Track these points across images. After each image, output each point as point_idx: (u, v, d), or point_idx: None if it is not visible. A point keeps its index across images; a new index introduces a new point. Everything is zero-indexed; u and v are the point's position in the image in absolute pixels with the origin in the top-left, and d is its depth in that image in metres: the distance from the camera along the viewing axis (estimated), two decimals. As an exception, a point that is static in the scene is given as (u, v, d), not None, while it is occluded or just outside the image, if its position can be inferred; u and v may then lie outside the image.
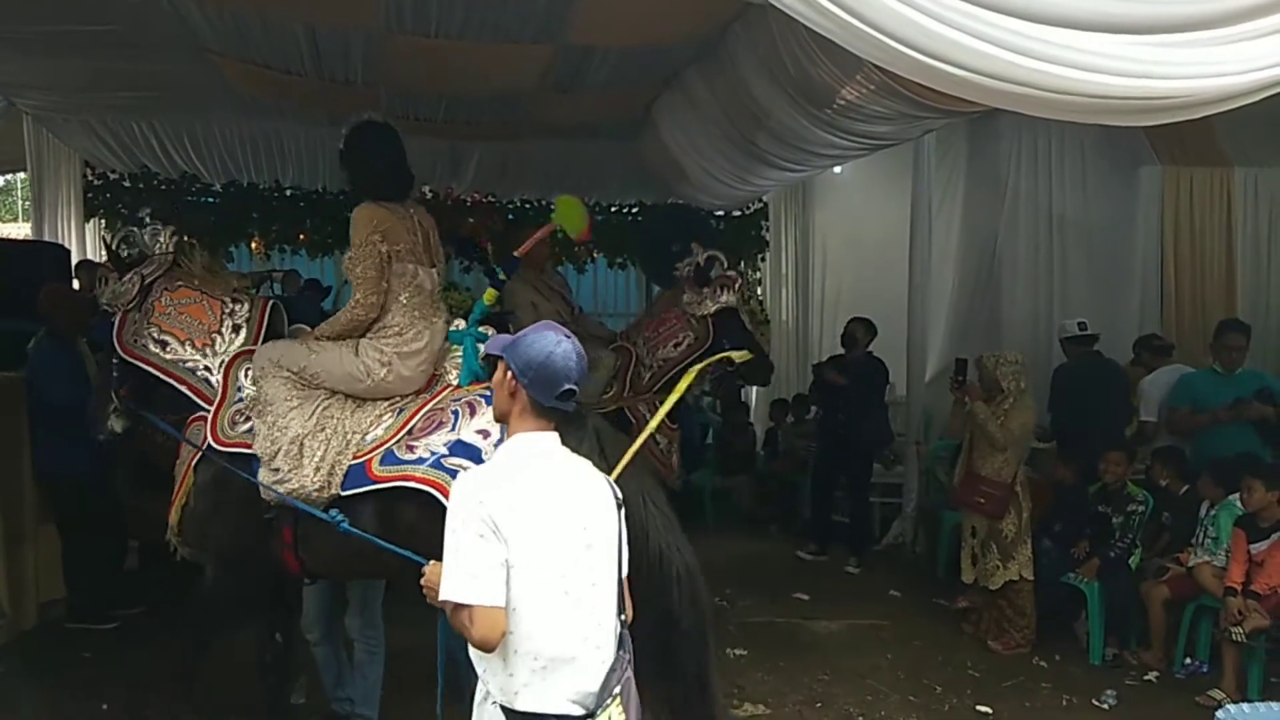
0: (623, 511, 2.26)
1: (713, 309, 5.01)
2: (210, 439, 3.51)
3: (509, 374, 2.19)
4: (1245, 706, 3.55)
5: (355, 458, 3.35)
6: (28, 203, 11.33)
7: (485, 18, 5.26)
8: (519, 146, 8.60)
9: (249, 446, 3.44)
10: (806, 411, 8.48)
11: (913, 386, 7.49)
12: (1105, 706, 4.68)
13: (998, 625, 5.46)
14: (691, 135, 7.14)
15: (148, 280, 3.73)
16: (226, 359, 3.63)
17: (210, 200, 8.79)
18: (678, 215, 8.41)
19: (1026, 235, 7.64)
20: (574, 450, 2.68)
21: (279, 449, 3.35)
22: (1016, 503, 5.40)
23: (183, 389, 3.65)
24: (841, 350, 7.37)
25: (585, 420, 3.10)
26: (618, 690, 2.16)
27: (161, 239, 3.85)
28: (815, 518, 7.53)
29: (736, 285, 5.12)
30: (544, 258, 5.69)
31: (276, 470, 3.34)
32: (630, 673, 2.22)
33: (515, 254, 3.97)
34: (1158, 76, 2.60)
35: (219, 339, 3.67)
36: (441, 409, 3.31)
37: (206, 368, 3.65)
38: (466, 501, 2.06)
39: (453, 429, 3.22)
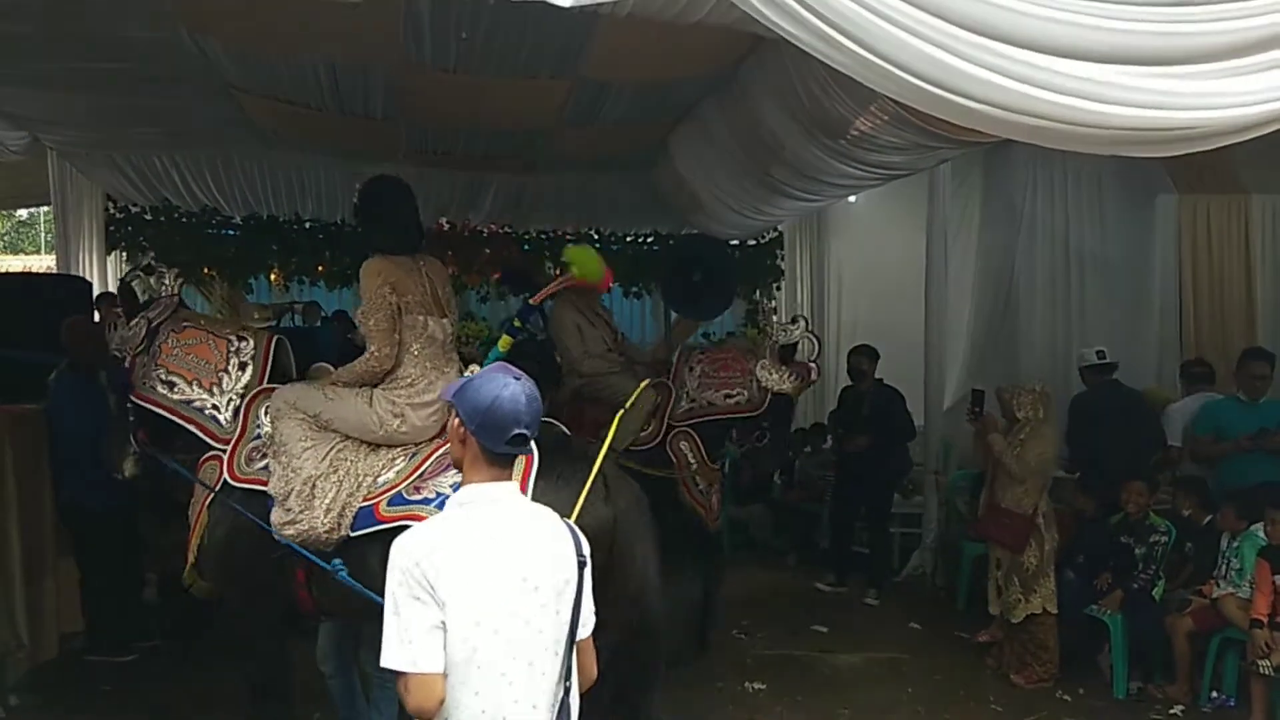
0: (586, 570, 2.16)
1: (775, 388, 5.05)
2: (227, 475, 3.57)
3: (457, 420, 2.14)
4: (1274, 742, 3.51)
5: (365, 500, 3.39)
6: (51, 236, 11.49)
7: (504, 53, 5.32)
8: (535, 179, 8.67)
9: (264, 484, 3.50)
10: (824, 441, 8.44)
11: (930, 416, 7.45)
12: (1130, 741, 4.61)
13: (1019, 659, 5.39)
14: (707, 166, 7.18)
15: (154, 324, 3.82)
16: (235, 396, 3.70)
17: (230, 233, 8.88)
18: (699, 245, 8.46)
19: (1043, 264, 7.62)
20: (563, 493, 2.77)
21: (292, 489, 3.40)
22: (1038, 534, 5.33)
23: (191, 428, 3.72)
24: (850, 382, 7.35)
25: (587, 455, 3.18)
26: None
27: (167, 281, 3.98)
28: (834, 548, 7.48)
29: (811, 376, 5.20)
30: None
31: (289, 510, 3.38)
32: None
33: (530, 302, 4.02)
34: (1171, 108, 2.61)
35: (225, 377, 3.74)
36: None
37: (215, 406, 3.72)
38: (403, 561, 2.00)
39: (447, 473, 3.24)
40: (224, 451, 3.64)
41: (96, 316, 6.64)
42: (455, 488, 3.14)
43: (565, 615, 2.11)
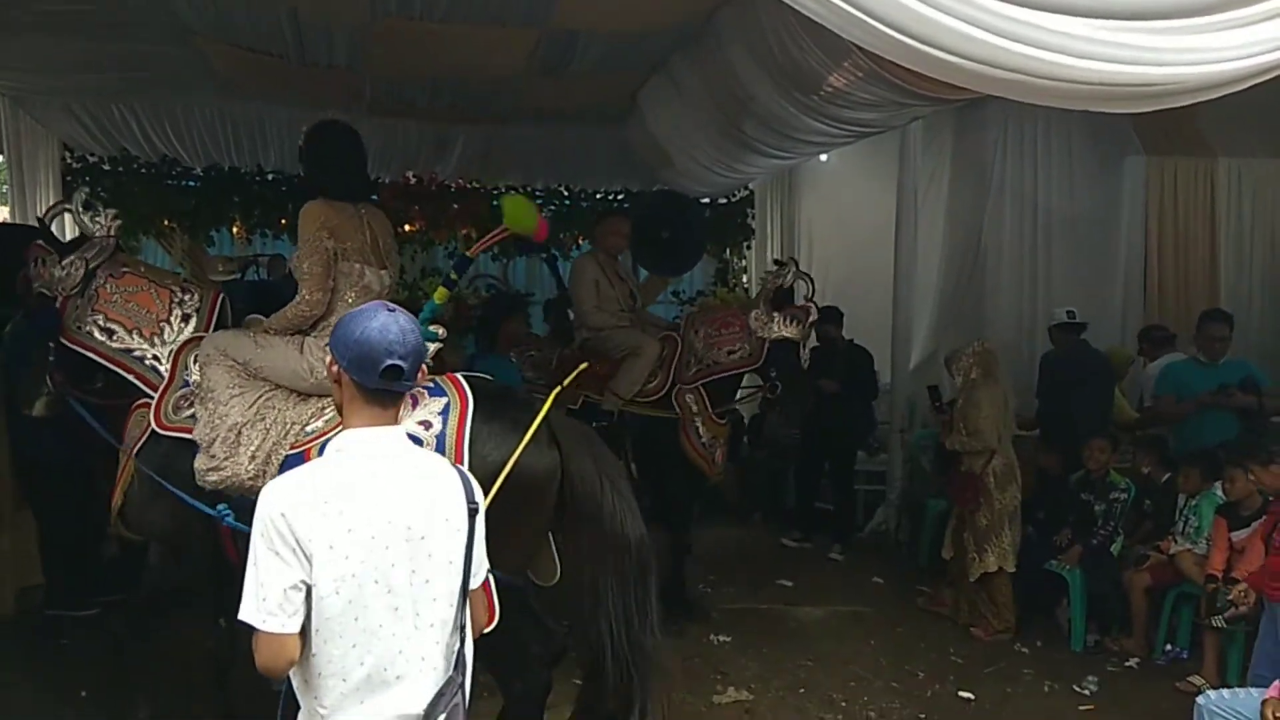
0: (478, 517, 2.08)
1: (772, 336, 5.03)
2: (154, 423, 3.53)
3: (330, 359, 2.04)
4: (1225, 692, 3.59)
5: (293, 448, 3.33)
6: (6, 186, 11.19)
7: (471, 1, 5.20)
8: (504, 132, 8.54)
9: (190, 431, 3.45)
10: (774, 407, 8.45)
11: (897, 375, 7.50)
12: (1086, 693, 4.72)
13: (976, 613, 5.48)
14: (678, 122, 7.10)
15: (91, 266, 3.70)
16: (175, 347, 3.64)
17: (191, 184, 8.69)
18: (669, 202, 8.40)
19: (1012, 224, 7.65)
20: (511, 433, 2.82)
21: (217, 436, 3.36)
22: (988, 493, 5.39)
23: (129, 377, 3.66)
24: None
25: (531, 405, 3.19)
26: (443, 716, 1.99)
27: (102, 221, 3.80)
28: (799, 505, 7.55)
29: (809, 320, 5.14)
30: (617, 245, 5.85)
31: (213, 457, 3.34)
32: (461, 698, 2.05)
33: (467, 254, 3.95)
34: (1148, 63, 2.59)
35: (167, 328, 3.68)
36: None
37: (155, 356, 3.66)
38: (266, 512, 1.89)
39: None
40: (150, 402, 3.58)
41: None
42: None
43: (458, 564, 2.03)
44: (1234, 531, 4.75)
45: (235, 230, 8.80)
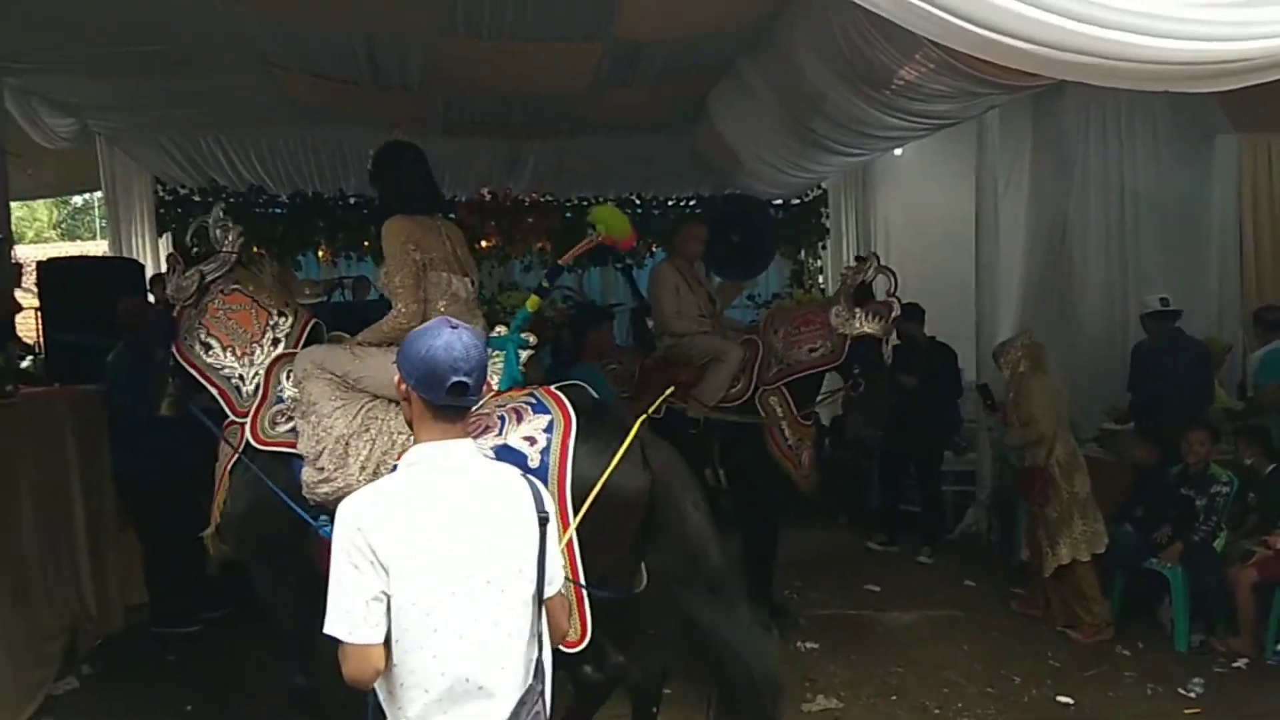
0: (549, 525, 2.11)
1: (854, 332, 4.95)
2: (250, 437, 3.60)
3: (398, 378, 2.08)
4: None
5: (399, 458, 3.38)
6: (104, 221, 11.72)
7: (536, 18, 5.28)
8: (574, 144, 8.63)
9: (292, 446, 3.52)
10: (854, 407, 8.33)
11: (983, 371, 7.31)
12: (1192, 695, 4.52)
13: (1066, 611, 5.36)
14: (747, 124, 7.07)
15: (207, 279, 3.84)
16: (261, 370, 3.72)
17: (277, 211, 9.00)
18: (737, 205, 8.38)
19: (1097, 211, 7.41)
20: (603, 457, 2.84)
21: (324, 448, 3.40)
22: (1055, 485, 5.32)
23: (214, 392, 3.76)
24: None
25: (624, 423, 3.19)
26: None
27: (230, 237, 3.95)
28: (884, 507, 7.42)
29: (891, 315, 5.01)
30: (695, 252, 5.84)
31: (322, 469, 3.39)
32: (543, 706, 2.08)
33: (559, 262, 4.00)
34: (1227, 39, 2.49)
35: (258, 349, 3.76)
36: (487, 414, 3.29)
37: (240, 376, 3.73)
38: (345, 527, 1.94)
39: (499, 433, 3.21)
40: (244, 421, 3.66)
41: (150, 298, 6.79)
42: (495, 449, 3.15)
43: (530, 573, 2.05)
44: (1348, 523, 4.53)
45: (321, 254, 9.07)
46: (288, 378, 3.65)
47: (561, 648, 3.01)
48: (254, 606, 4.09)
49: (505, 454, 3.16)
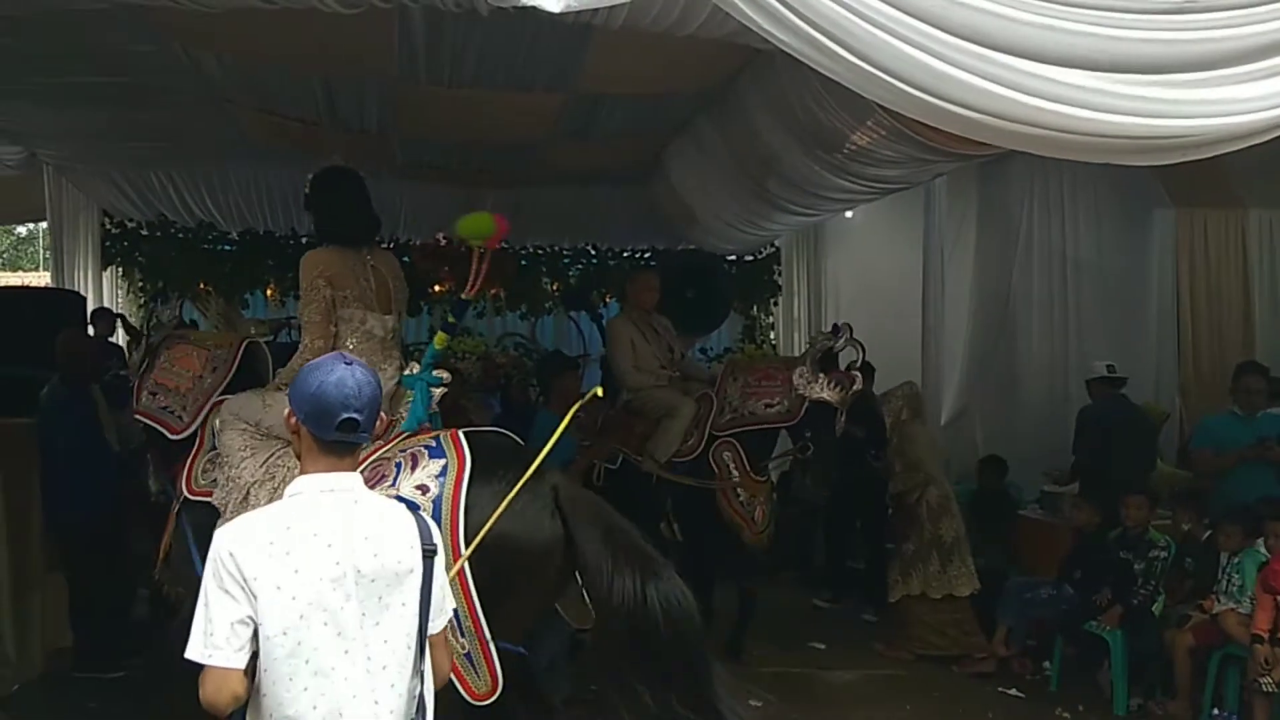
0: (436, 559, 2.08)
1: (813, 395, 4.96)
2: (184, 487, 3.60)
3: (288, 411, 2.09)
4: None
5: None
6: (48, 252, 11.48)
7: (497, 67, 5.32)
8: (531, 193, 8.65)
9: (209, 495, 3.52)
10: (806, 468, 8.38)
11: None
12: (1131, 759, 4.56)
13: (903, 637, 5.86)
14: (703, 181, 7.17)
15: (154, 346, 4.04)
16: (200, 395, 3.76)
17: (226, 248, 8.87)
18: (694, 261, 8.47)
19: (1041, 278, 7.62)
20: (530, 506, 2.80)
21: (230, 500, 3.37)
22: (918, 523, 5.76)
23: (157, 426, 3.83)
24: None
25: (543, 475, 3.04)
26: None
27: (172, 308, 4.35)
28: (830, 565, 7.42)
29: (852, 387, 5.01)
30: (649, 301, 5.84)
31: (229, 520, 3.34)
32: None
33: (462, 296, 3.86)
34: (1169, 116, 2.60)
35: (199, 382, 3.81)
36: (388, 459, 3.21)
37: (183, 407, 3.78)
38: (218, 551, 1.93)
39: (393, 483, 3.12)
40: (185, 469, 3.68)
41: (90, 331, 6.64)
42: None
43: (413, 607, 2.04)
44: (1278, 591, 4.61)
45: (269, 292, 8.94)
46: (219, 424, 3.64)
47: (470, 700, 2.93)
48: (181, 652, 3.97)
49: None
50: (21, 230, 19.64)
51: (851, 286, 9.39)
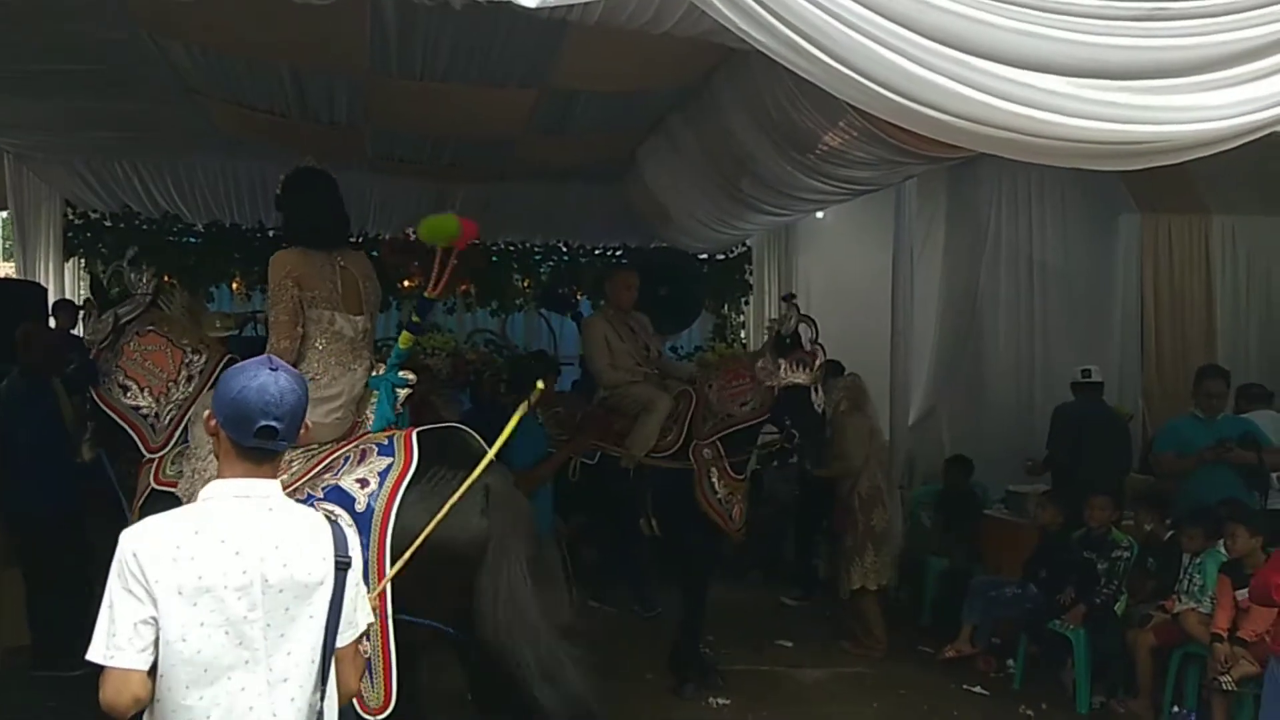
0: (349, 572, 2.05)
1: (780, 383, 4.94)
2: (152, 479, 3.59)
3: (208, 413, 2.06)
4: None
5: None
6: (8, 242, 11.27)
7: (471, 61, 5.27)
8: (503, 189, 8.61)
9: (175, 486, 3.50)
10: (789, 456, 8.41)
11: (896, 430, 7.47)
12: (1093, 756, 4.62)
13: (849, 630, 6.03)
14: (676, 179, 7.17)
15: (121, 320, 3.86)
16: (175, 406, 3.71)
17: (192, 240, 8.74)
18: (667, 259, 8.46)
19: (1008, 280, 7.71)
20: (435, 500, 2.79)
21: (194, 492, 3.33)
22: (853, 515, 5.91)
23: (131, 433, 3.74)
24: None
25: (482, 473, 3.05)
26: None
27: (144, 279, 3.98)
28: (799, 562, 7.46)
29: (816, 364, 4.99)
30: (627, 300, 5.80)
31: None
32: None
33: (426, 295, 3.83)
34: (1138, 122, 2.63)
35: (173, 388, 3.74)
36: (341, 454, 3.26)
37: (156, 414, 3.72)
38: (123, 551, 1.90)
39: (337, 474, 3.16)
40: (155, 458, 3.67)
41: (52, 323, 6.52)
42: (326, 490, 3.12)
43: (319, 620, 2.00)
44: (1238, 590, 4.69)
45: (235, 286, 8.82)
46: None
47: (363, 714, 2.91)
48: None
49: (334, 495, 3.12)
50: (-20, 219, 19.25)
51: (822, 286, 9.41)
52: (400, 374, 3.56)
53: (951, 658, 5.70)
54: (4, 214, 8.44)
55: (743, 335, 9.92)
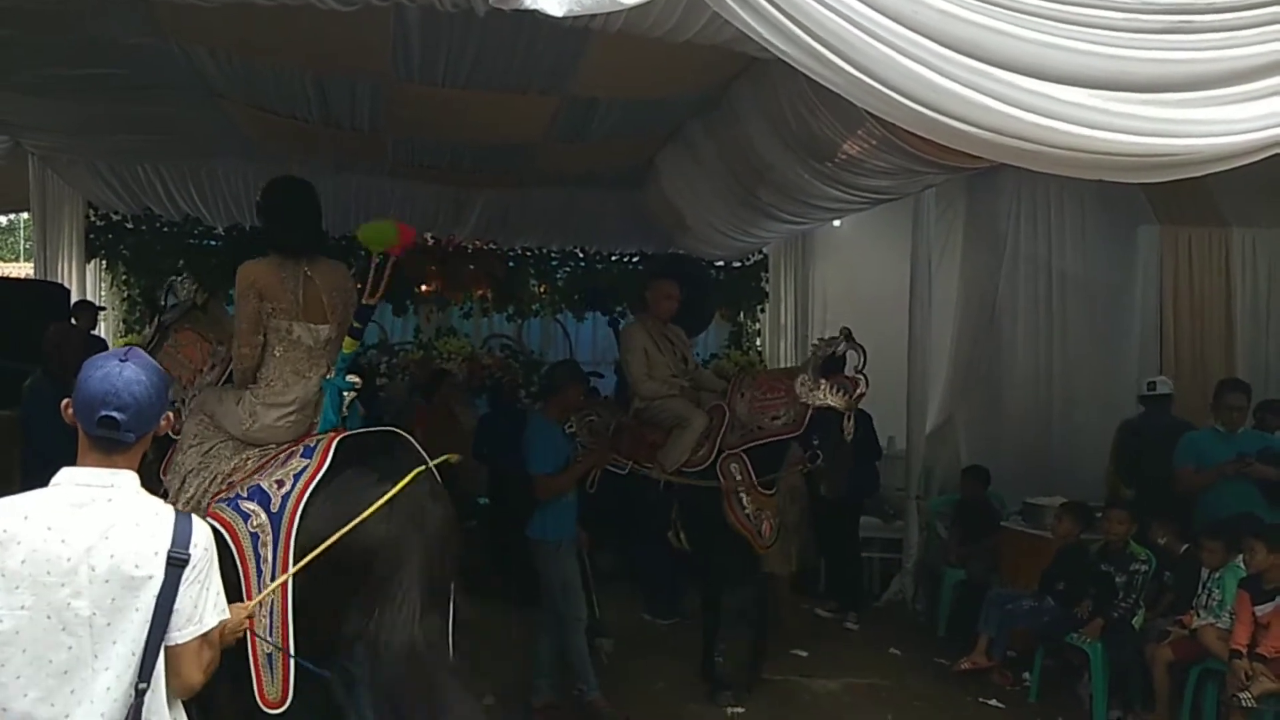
0: (186, 569, 2.03)
1: (817, 403, 4.93)
2: (163, 472, 3.68)
3: (66, 401, 2.08)
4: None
5: (215, 497, 3.38)
6: (30, 243, 11.38)
7: (492, 68, 5.30)
8: (521, 195, 8.66)
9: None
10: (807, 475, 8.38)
11: (913, 440, 7.45)
12: (1109, 771, 4.58)
13: None
14: (694, 186, 7.18)
15: (164, 324, 4.13)
16: (197, 391, 3.86)
17: (212, 243, 8.82)
18: (676, 265, 8.47)
19: (1026, 290, 7.67)
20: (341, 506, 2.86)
21: (173, 485, 3.53)
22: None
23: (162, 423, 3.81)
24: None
25: (391, 483, 3.05)
26: None
27: (190, 288, 4.37)
28: (829, 573, 7.39)
29: (856, 392, 4.97)
30: (668, 310, 5.73)
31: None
32: None
33: (364, 302, 3.72)
34: (1161, 135, 2.62)
35: (199, 377, 3.90)
36: (276, 455, 3.37)
37: (183, 401, 3.82)
38: None
39: (264, 475, 3.25)
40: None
41: (73, 322, 6.58)
42: (249, 488, 3.19)
43: (145, 614, 2.00)
44: (1258, 605, 4.66)
45: (255, 289, 8.87)
46: None
47: (264, 708, 2.98)
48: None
49: (256, 494, 3.19)
50: (3, 220, 19.44)
51: (838, 295, 9.41)
52: (348, 378, 3.62)
53: (967, 670, 5.66)
54: (26, 215, 8.51)
55: (758, 343, 9.92)
